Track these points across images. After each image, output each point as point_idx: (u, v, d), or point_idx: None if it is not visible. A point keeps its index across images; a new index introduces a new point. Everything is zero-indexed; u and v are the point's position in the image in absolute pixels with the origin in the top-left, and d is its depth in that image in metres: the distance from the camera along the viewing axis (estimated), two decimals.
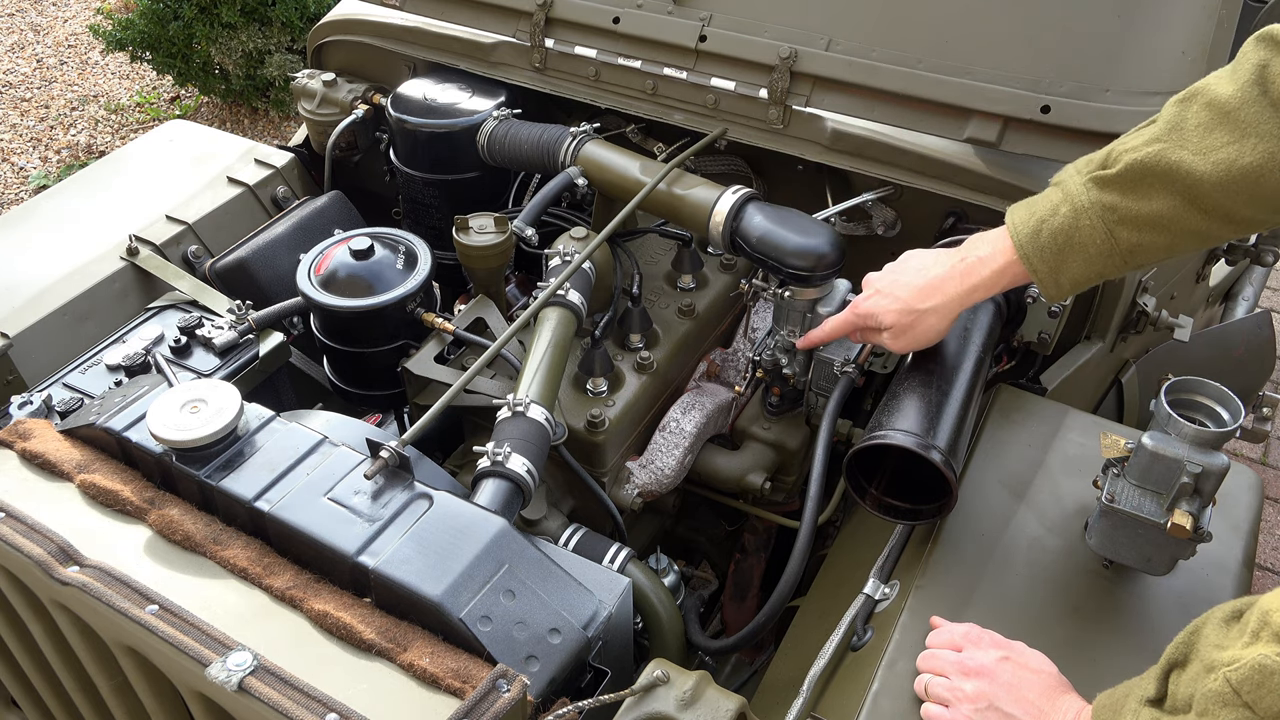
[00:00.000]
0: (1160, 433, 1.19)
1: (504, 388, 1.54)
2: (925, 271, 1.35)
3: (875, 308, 1.39)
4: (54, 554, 1.13)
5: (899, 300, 1.36)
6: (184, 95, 5.25)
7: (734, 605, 1.93)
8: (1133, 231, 1.17)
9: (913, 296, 1.35)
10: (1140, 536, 1.20)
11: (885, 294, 1.38)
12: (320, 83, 2.19)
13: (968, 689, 1.10)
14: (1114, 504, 1.20)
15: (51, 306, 1.77)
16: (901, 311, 1.35)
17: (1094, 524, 1.25)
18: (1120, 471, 1.23)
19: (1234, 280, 2.44)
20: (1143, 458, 1.19)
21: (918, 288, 1.34)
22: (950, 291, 1.32)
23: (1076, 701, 1.08)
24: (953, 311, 1.35)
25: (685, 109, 1.85)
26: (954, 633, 1.18)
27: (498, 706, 0.95)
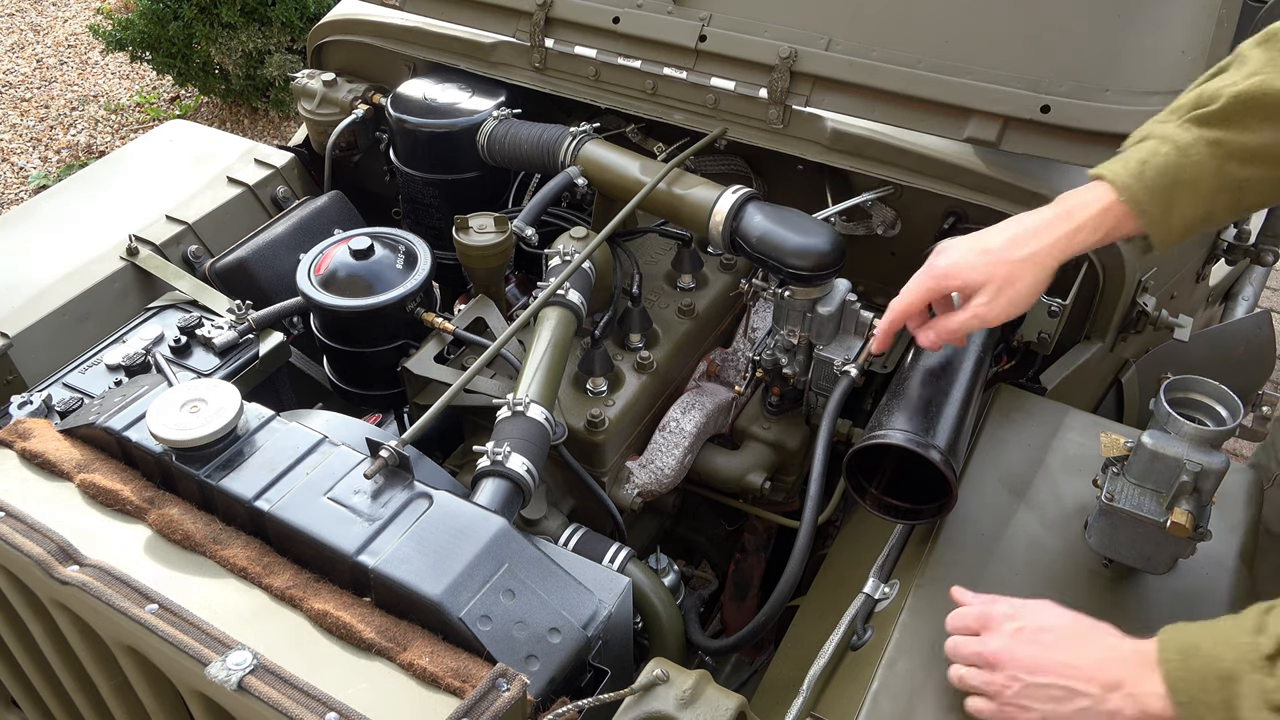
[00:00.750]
0: (1160, 431, 1.19)
1: (504, 387, 1.54)
2: (1016, 223, 1.20)
3: (958, 262, 1.20)
4: (54, 553, 1.13)
5: (987, 253, 1.19)
6: (184, 95, 5.25)
7: (734, 605, 1.93)
8: (1242, 166, 1.11)
9: (1003, 246, 1.18)
10: (1140, 535, 1.20)
11: (967, 249, 1.21)
12: (320, 83, 2.19)
13: (997, 679, 1.05)
14: (1114, 503, 1.20)
15: (51, 306, 1.77)
16: (993, 264, 1.18)
17: (1094, 523, 1.25)
18: (1120, 470, 1.23)
19: (1234, 280, 2.44)
20: (1142, 457, 1.19)
21: (1009, 237, 1.19)
22: (1051, 235, 1.17)
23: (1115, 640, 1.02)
24: (1051, 262, 1.18)
25: (685, 109, 1.85)
26: (969, 616, 1.14)
27: (497, 706, 0.95)
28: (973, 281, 1.19)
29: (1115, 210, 1.15)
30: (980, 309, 1.20)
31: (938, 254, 1.25)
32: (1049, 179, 1.62)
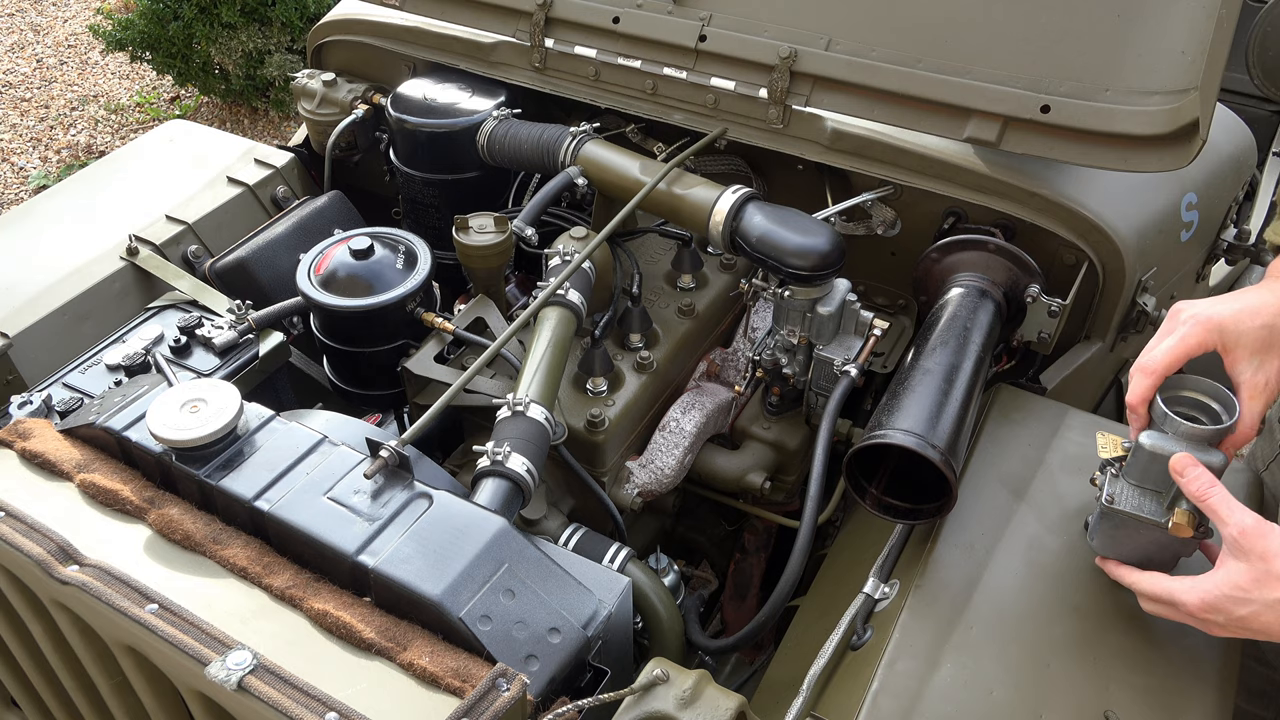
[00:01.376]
0: (1157, 432, 1.18)
1: (504, 387, 1.54)
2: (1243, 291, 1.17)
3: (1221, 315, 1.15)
4: (54, 553, 1.13)
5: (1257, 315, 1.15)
6: (184, 95, 5.25)
7: (734, 605, 1.93)
8: None
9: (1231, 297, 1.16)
10: (1142, 536, 1.20)
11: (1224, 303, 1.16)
12: (320, 83, 2.19)
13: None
14: (1114, 505, 1.19)
15: (51, 306, 1.77)
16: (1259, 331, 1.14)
17: (1095, 525, 1.25)
18: (1118, 471, 1.22)
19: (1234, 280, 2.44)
20: (1141, 457, 1.18)
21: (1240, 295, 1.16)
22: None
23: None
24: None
25: (685, 109, 1.85)
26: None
27: (497, 705, 0.95)
28: (1245, 346, 1.15)
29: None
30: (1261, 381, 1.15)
31: (1194, 306, 1.18)
32: (1049, 179, 1.62)
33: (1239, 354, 1.14)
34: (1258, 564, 1.03)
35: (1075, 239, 1.61)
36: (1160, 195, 1.77)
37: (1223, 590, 1.06)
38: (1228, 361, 1.16)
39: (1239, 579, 1.05)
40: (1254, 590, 1.04)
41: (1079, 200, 1.60)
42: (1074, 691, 1.17)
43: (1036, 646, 1.21)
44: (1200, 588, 1.09)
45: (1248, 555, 1.04)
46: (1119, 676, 1.18)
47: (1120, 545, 1.23)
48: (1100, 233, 1.60)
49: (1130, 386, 1.19)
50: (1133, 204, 1.69)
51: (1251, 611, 1.05)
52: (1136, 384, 1.17)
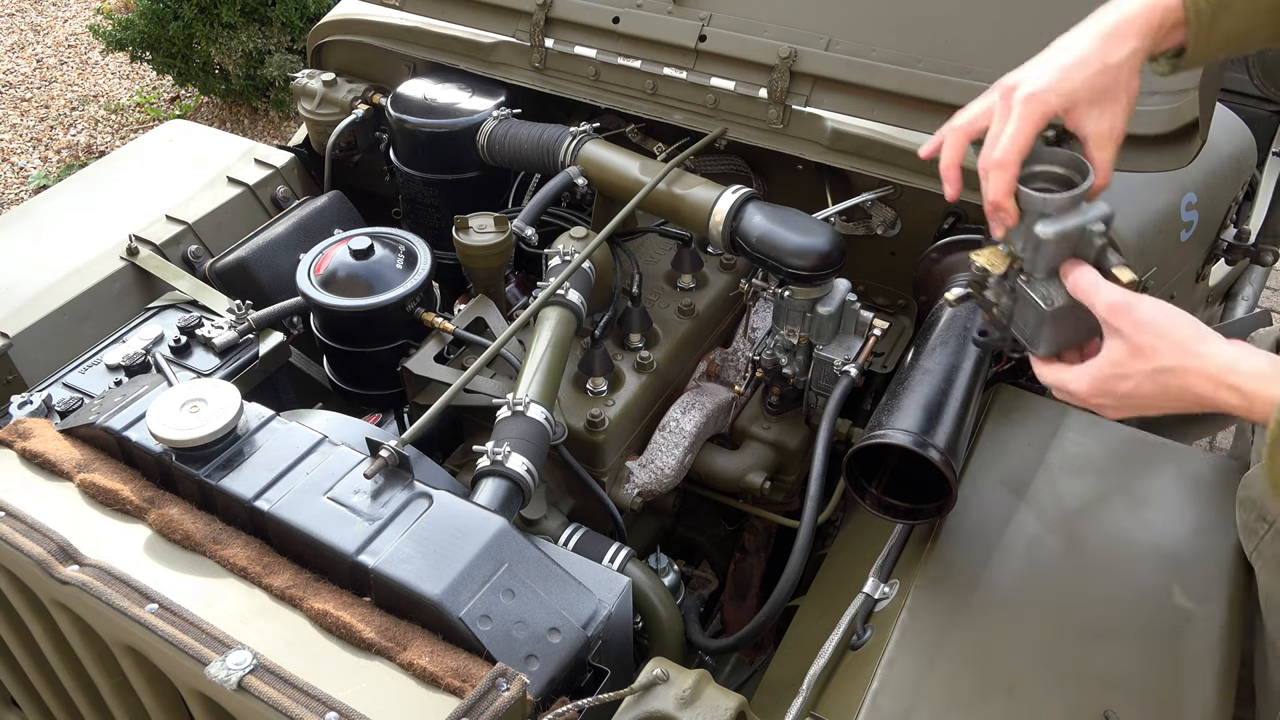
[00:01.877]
0: (1045, 217, 1.09)
1: (504, 387, 1.54)
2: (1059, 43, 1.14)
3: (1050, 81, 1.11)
4: (54, 553, 1.13)
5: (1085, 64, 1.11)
6: (184, 95, 5.25)
7: (734, 605, 1.93)
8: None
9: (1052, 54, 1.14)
10: (1080, 322, 1.12)
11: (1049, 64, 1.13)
12: (320, 83, 2.19)
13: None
14: (1056, 304, 1.10)
15: (51, 306, 1.77)
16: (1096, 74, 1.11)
17: (1034, 334, 1.14)
18: (1026, 277, 1.13)
19: (1234, 280, 2.44)
20: (1046, 248, 1.09)
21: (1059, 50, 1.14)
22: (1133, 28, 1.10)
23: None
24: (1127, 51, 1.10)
25: (685, 109, 1.85)
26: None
27: (497, 705, 0.95)
28: (1080, 101, 1.11)
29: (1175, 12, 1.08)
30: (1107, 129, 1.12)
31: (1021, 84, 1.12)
32: None
33: (1079, 111, 1.12)
34: (1129, 338, 1.03)
35: None
36: (1160, 195, 1.77)
37: (1104, 370, 1.06)
38: (1070, 121, 1.13)
39: (1115, 355, 1.05)
40: (1130, 364, 1.03)
41: None
42: (1074, 691, 1.17)
43: (1037, 646, 1.21)
44: (1087, 373, 1.08)
45: (1119, 331, 1.04)
46: (1119, 676, 1.18)
47: (1065, 337, 1.14)
48: None
49: (989, 184, 1.13)
50: (1133, 204, 1.69)
51: (1133, 385, 1.04)
52: (995, 180, 1.12)
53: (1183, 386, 1.00)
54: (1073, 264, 1.10)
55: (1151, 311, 1.02)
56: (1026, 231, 1.11)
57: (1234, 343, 1.00)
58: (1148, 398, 1.04)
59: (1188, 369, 0.99)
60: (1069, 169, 1.13)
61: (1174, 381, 1.01)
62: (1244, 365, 0.97)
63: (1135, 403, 1.06)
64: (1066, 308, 1.11)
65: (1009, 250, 1.15)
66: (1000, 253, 1.16)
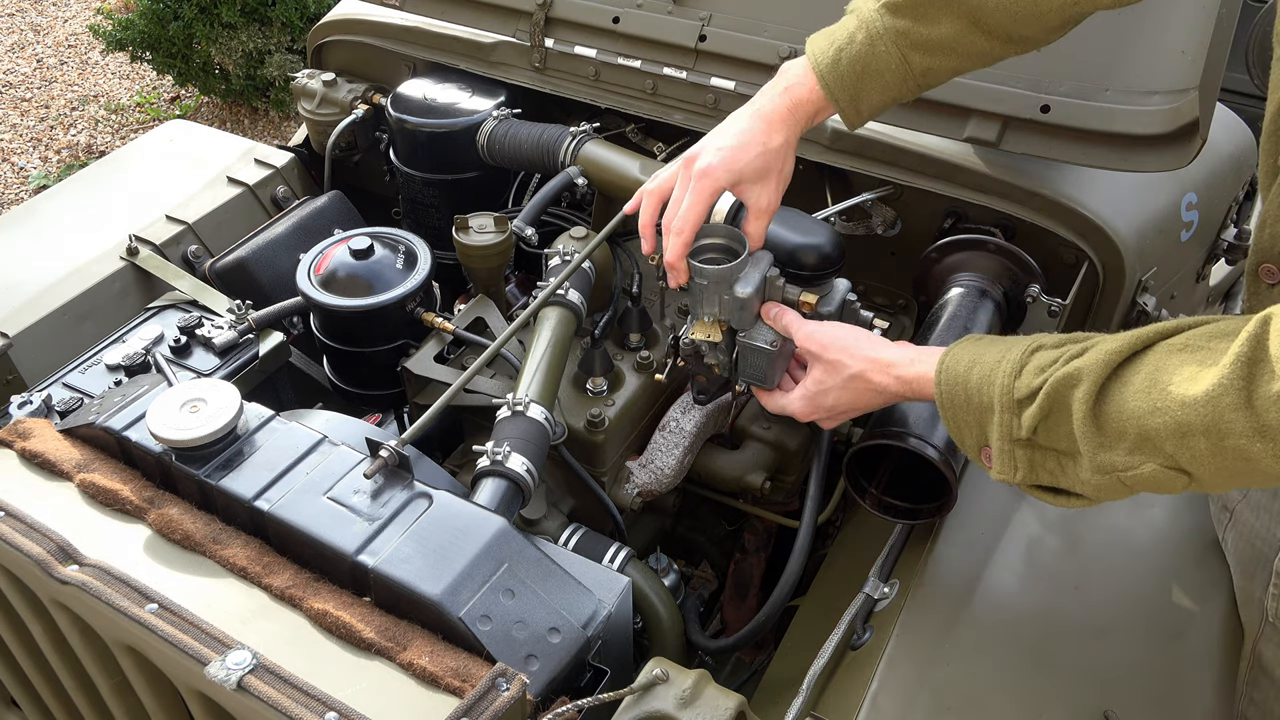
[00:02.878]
0: (741, 280, 1.28)
1: (504, 387, 1.54)
2: (743, 111, 1.32)
3: (698, 149, 1.31)
4: (53, 553, 1.13)
5: (722, 135, 1.31)
6: (184, 95, 5.25)
7: (734, 605, 1.93)
8: (924, 56, 1.25)
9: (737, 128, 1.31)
10: (783, 357, 1.34)
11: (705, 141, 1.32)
12: (320, 83, 2.19)
13: None
14: (776, 347, 1.30)
15: (51, 306, 1.77)
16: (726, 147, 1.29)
17: (764, 375, 1.34)
18: (744, 333, 1.32)
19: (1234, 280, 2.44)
20: (749, 305, 1.29)
21: (741, 123, 1.31)
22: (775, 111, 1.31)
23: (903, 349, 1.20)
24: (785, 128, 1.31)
25: (685, 109, 1.85)
26: None
27: (497, 705, 0.95)
28: (748, 177, 1.29)
29: (812, 99, 1.30)
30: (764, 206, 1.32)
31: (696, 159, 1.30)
32: (1049, 179, 1.62)
33: (743, 186, 1.30)
34: (821, 357, 1.24)
35: (1075, 239, 1.61)
36: (1160, 195, 1.77)
37: (810, 388, 1.27)
38: (736, 192, 1.32)
39: (816, 374, 1.26)
40: (827, 379, 1.24)
41: (1079, 200, 1.60)
42: (1074, 691, 1.17)
43: (1036, 646, 1.21)
44: (799, 395, 1.29)
45: (814, 355, 1.25)
46: (1119, 676, 1.19)
47: (782, 369, 1.36)
48: (1100, 233, 1.60)
49: (668, 245, 1.30)
50: (1133, 204, 1.69)
51: (834, 398, 1.24)
52: (673, 244, 1.29)
53: (866, 385, 1.21)
54: (770, 306, 1.32)
55: (833, 333, 1.25)
56: (718, 298, 1.31)
57: (899, 344, 1.21)
58: (848, 403, 1.25)
59: (864, 371, 1.20)
60: (729, 240, 1.33)
61: (860, 383, 1.21)
62: (897, 355, 1.18)
63: (839, 410, 1.27)
64: (784, 342, 1.32)
65: (713, 319, 1.33)
66: (706, 323, 1.34)
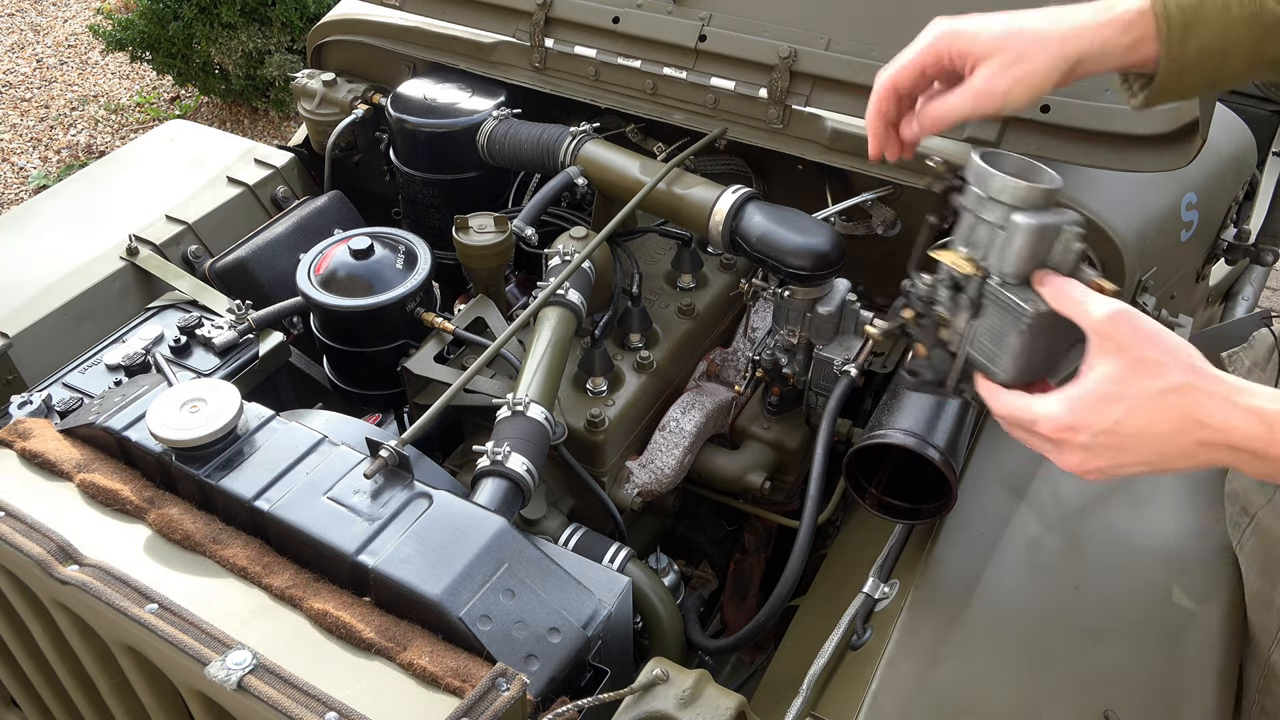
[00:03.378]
0: (1024, 211, 0.97)
1: (504, 387, 1.54)
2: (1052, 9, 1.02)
3: (970, 25, 1.02)
4: (53, 553, 1.13)
5: (1007, 19, 1.01)
6: (184, 95, 5.25)
7: (734, 605, 1.93)
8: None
9: (1028, 17, 1.01)
10: (1060, 335, 0.99)
11: (984, 16, 1.03)
12: (320, 83, 2.19)
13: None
14: (1041, 308, 0.97)
15: (51, 306, 1.77)
16: (1011, 31, 1.00)
17: (1002, 354, 1.01)
18: (1001, 280, 1.00)
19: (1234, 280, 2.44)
20: (1023, 246, 0.97)
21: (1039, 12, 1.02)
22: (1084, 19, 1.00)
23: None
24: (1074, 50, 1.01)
25: (685, 109, 1.85)
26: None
27: (497, 705, 0.95)
28: (981, 48, 1.00)
29: (1146, 19, 0.98)
30: (981, 83, 1.00)
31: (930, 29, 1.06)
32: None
33: (978, 58, 1.02)
34: (1131, 350, 0.89)
35: None
36: (1160, 195, 1.77)
37: (1094, 390, 0.90)
38: (968, 69, 1.03)
39: (1112, 371, 0.89)
40: (1131, 381, 0.89)
41: (1079, 200, 1.60)
42: (1074, 691, 1.17)
43: (1036, 646, 1.21)
44: (1066, 397, 0.93)
45: (1120, 345, 0.90)
46: (1119, 676, 1.19)
47: (1037, 359, 1.01)
48: (1100, 233, 1.60)
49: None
50: (1133, 204, 1.69)
51: (1125, 410, 0.89)
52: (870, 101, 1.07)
53: (1187, 412, 0.87)
54: (1047, 273, 0.98)
55: (1155, 327, 0.90)
56: (992, 230, 0.98)
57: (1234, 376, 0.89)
58: (1136, 431, 0.89)
59: (1198, 388, 0.86)
60: (1028, 172, 1.02)
61: (1180, 404, 0.87)
62: (1262, 389, 0.85)
63: (1120, 436, 0.90)
64: (1048, 316, 0.97)
65: (969, 255, 1.02)
66: (964, 256, 1.02)
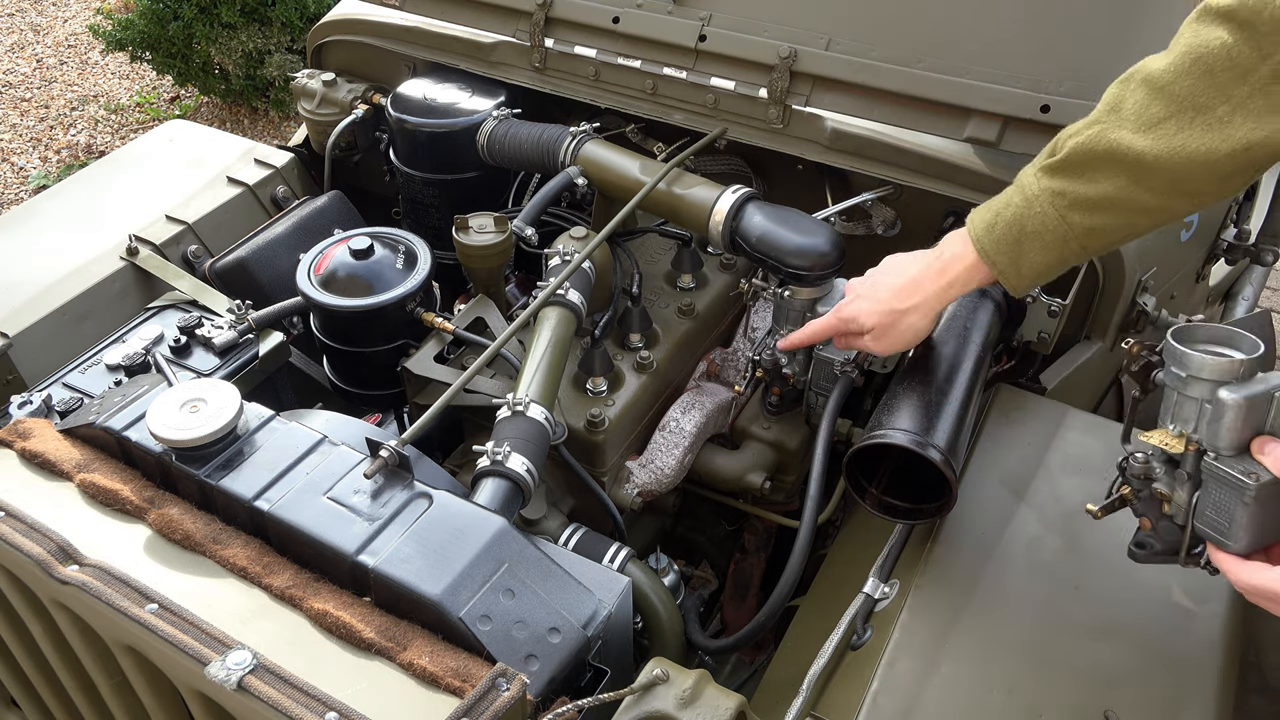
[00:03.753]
0: (1230, 385, 1.00)
1: (504, 387, 1.54)
2: (903, 271, 1.35)
3: (856, 311, 1.38)
4: (53, 553, 1.13)
5: (879, 301, 1.35)
6: (184, 95, 5.25)
7: (734, 605, 1.93)
8: (1085, 215, 1.17)
9: (892, 296, 1.34)
10: (1238, 498, 1.02)
11: (865, 296, 1.38)
12: (320, 83, 2.19)
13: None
14: (1262, 480, 0.99)
15: (51, 306, 1.77)
16: (882, 313, 1.35)
17: (1231, 526, 1.03)
18: (1215, 455, 1.03)
19: (1234, 280, 2.44)
20: (1233, 417, 0.99)
21: (897, 288, 1.34)
22: (928, 289, 1.32)
23: None
24: (932, 309, 1.34)
25: (685, 109, 1.85)
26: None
27: (497, 705, 0.95)
28: (866, 325, 1.37)
29: (982, 265, 1.27)
30: (870, 344, 1.39)
31: (846, 299, 1.42)
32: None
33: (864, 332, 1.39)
34: None
35: None
36: None
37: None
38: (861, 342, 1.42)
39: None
40: None
41: None
42: (1074, 691, 1.17)
43: (1036, 646, 1.21)
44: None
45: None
46: (1119, 676, 1.18)
47: (1266, 526, 1.02)
48: None
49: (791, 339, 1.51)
50: None
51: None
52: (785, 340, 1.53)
53: None
54: (1267, 440, 1.01)
55: None
56: (1199, 405, 1.03)
57: None
58: None
59: None
60: (1237, 342, 1.08)
61: None
62: None
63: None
64: (1272, 485, 0.99)
65: (1179, 431, 1.06)
66: (1170, 433, 1.07)
